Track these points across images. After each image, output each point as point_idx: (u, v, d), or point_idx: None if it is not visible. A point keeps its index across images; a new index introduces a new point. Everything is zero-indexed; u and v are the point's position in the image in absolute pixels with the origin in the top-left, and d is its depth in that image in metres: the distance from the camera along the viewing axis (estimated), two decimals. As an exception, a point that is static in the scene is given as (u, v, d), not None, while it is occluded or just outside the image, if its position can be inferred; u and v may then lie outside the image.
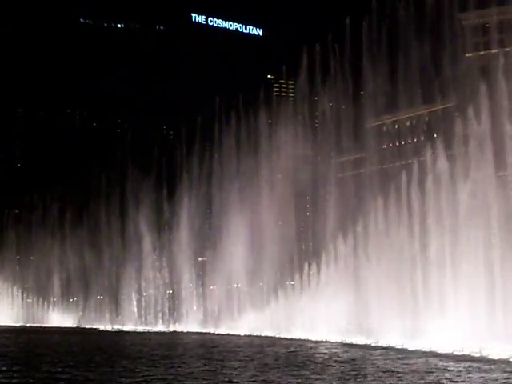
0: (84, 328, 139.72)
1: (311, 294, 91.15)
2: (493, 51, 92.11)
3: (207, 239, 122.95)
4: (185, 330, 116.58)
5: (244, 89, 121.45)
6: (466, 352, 58.50)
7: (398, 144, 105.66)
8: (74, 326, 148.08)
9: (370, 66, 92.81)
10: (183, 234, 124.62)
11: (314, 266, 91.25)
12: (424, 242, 71.72)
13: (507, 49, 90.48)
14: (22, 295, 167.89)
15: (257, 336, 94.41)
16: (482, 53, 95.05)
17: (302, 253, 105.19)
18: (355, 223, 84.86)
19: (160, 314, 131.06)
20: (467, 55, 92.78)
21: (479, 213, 64.96)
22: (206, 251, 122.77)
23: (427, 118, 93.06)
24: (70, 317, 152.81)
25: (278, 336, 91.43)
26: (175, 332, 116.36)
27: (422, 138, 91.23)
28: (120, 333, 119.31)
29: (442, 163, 70.41)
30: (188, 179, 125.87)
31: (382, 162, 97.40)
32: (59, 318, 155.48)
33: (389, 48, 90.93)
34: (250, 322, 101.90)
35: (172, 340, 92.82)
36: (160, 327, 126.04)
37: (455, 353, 59.17)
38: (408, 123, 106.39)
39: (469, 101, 72.52)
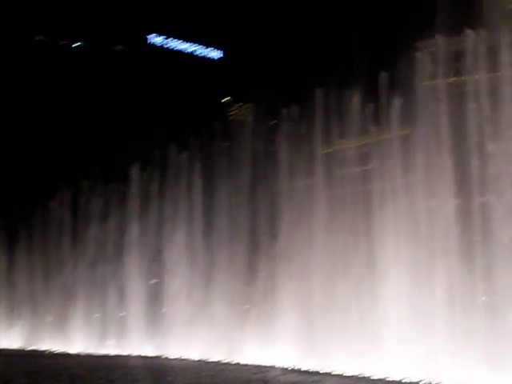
0: (32, 350, 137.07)
1: (263, 316, 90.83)
2: (450, 80, 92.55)
3: (159, 261, 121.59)
4: (135, 353, 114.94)
5: (201, 110, 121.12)
6: (415, 379, 58.21)
7: (352, 170, 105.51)
8: (21, 347, 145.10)
9: (323, 92, 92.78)
10: (135, 256, 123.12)
11: (269, 288, 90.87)
12: (372, 272, 71.84)
13: (464, 78, 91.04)
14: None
15: (207, 361, 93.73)
16: (439, 81, 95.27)
17: (255, 275, 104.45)
18: (304, 249, 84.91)
19: (110, 337, 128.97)
20: (425, 83, 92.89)
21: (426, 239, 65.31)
22: (159, 273, 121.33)
23: (385, 145, 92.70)
24: (16, 338, 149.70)
25: (230, 361, 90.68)
26: (122, 356, 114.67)
27: (380, 165, 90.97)
28: (64, 355, 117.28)
29: (396, 191, 70.56)
30: (139, 200, 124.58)
31: (336, 188, 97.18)
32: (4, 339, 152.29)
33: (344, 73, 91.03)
34: (202, 345, 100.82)
35: (113, 363, 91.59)
36: (110, 350, 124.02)
37: (404, 380, 58.95)
38: (363, 149, 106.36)
39: (426, 128, 72.77)
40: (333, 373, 69.71)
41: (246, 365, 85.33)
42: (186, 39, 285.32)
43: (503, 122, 71.34)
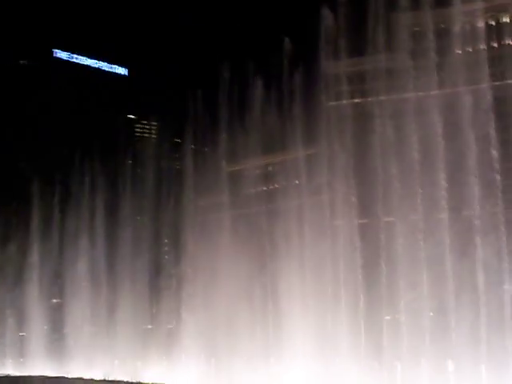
0: None
1: (166, 336, 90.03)
2: (355, 100, 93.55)
3: (61, 281, 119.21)
4: (35, 374, 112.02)
5: (106, 128, 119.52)
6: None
7: (259, 189, 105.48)
8: None
9: (227, 111, 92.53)
10: (35, 275, 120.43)
11: (172, 308, 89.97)
12: (276, 291, 71.75)
13: (370, 99, 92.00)
14: None
15: (110, 381, 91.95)
16: (344, 102, 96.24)
17: (159, 295, 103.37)
18: (209, 268, 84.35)
19: (10, 357, 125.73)
20: (330, 104, 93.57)
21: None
22: (60, 293, 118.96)
23: (290, 164, 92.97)
24: None
25: (133, 381, 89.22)
26: (22, 377, 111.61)
27: (285, 184, 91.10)
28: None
29: (301, 210, 70.68)
30: (40, 220, 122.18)
31: (242, 207, 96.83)
32: None
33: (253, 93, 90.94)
34: (104, 365, 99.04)
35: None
36: (10, 371, 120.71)
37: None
38: (270, 168, 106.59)
39: (330, 148, 73.04)
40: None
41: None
42: (92, 55, 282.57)
43: (406, 143, 72.17)
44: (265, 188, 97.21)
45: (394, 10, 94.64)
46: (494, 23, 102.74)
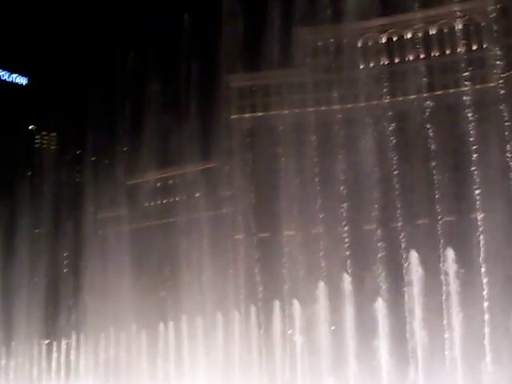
0: None
1: (64, 351, 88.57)
2: (258, 114, 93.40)
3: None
4: None
5: (4, 139, 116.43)
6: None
7: (158, 202, 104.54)
8: None
9: (130, 124, 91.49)
10: None
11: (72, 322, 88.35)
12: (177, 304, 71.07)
13: (272, 112, 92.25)
14: None
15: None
16: (246, 115, 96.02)
17: (57, 309, 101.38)
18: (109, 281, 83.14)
19: None
20: (232, 117, 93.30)
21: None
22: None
23: (190, 177, 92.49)
24: None
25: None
26: None
27: (185, 197, 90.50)
28: None
29: (200, 224, 70.27)
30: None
31: (142, 220, 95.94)
32: None
33: (152, 106, 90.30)
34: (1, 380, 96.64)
35: None
36: None
37: None
38: (171, 181, 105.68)
39: (232, 162, 72.82)
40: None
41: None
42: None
43: (308, 157, 72.40)
44: (165, 201, 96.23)
45: (295, 25, 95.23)
46: (396, 39, 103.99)
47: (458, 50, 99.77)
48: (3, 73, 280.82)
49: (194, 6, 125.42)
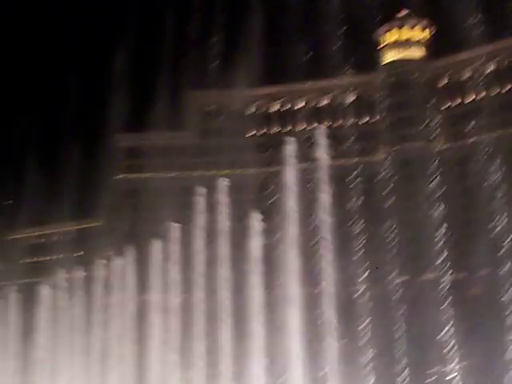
0: None
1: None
2: (143, 175, 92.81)
3: None
4: None
5: None
6: None
7: (42, 258, 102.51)
8: None
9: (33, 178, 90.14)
10: None
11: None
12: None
13: (159, 174, 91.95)
14: None
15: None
16: (132, 175, 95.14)
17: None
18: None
19: None
20: (117, 177, 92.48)
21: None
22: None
23: (75, 235, 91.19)
24: None
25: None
26: None
27: (67, 254, 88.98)
28: None
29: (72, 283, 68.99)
30: None
31: (23, 276, 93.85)
32: None
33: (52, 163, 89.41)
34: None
35: None
36: None
37: None
38: (55, 238, 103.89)
39: (115, 222, 72.08)
40: None
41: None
42: None
43: (194, 222, 71.67)
44: (36, 259, 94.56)
45: (187, 89, 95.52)
46: (289, 107, 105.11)
47: (349, 122, 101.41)
48: None
49: (85, 63, 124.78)
